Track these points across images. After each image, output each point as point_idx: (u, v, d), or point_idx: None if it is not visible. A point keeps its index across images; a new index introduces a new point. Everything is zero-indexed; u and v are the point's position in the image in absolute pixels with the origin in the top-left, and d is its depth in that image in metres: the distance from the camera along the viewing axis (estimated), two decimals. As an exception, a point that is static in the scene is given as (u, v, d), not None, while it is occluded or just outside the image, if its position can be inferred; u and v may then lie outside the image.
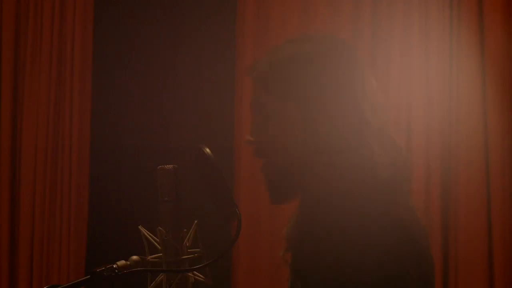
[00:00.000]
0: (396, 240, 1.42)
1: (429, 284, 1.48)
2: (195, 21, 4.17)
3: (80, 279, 1.46)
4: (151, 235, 1.62)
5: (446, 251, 3.74)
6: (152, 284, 1.62)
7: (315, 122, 1.51)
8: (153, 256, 1.60)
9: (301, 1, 3.93)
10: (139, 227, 1.64)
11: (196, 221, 1.63)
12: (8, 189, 4.01)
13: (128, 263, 1.50)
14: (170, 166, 1.63)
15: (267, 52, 1.62)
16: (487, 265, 3.71)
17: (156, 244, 1.61)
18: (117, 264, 1.47)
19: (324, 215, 1.48)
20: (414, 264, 1.42)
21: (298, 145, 1.53)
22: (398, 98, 3.80)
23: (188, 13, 4.18)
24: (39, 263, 3.97)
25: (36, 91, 4.03)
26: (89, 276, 1.44)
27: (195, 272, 1.60)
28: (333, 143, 1.50)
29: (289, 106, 1.54)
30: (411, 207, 1.51)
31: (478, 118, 3.76)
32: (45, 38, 4.04)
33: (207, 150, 1.55)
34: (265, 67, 1.58)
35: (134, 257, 1.52)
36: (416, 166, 3.70)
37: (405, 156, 1.56)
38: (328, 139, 1.51)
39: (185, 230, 1.62)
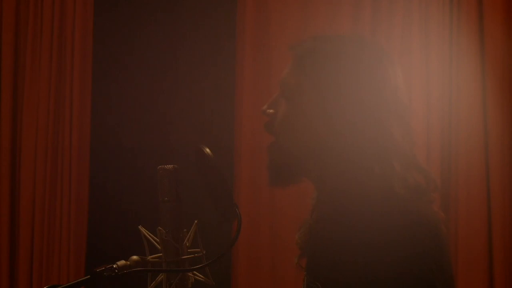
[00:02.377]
0: (410, 242, 1.40)
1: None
2: (195, 21, 4.17)
3: (80, 279, 1.45)
4: (151, 235, 1.62)
5: (446, 251, 3.73)
6: (152, 284, 1.62)
7: (334, 120, 1.51)
8: (153, 256, 1.60)
9: (301, 1, 3.93)
10: (139, 227, 1.64)
11: (196, 221, 1.63)
12: (8, 189, 4.01)
13: (128, 263, 1.50)
14: (170, 166, 1.63)
15: (315, 34, 1.62)
16: (487, 265, 3.71)
17: (156, 244, 1.61)
18: (117, 264, 1.47)
19: (337, 218, 1.48)
20: (429, 268, 1.41)
21: (308, 134, 1.53)
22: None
23: (188, 13, 4.18)
24: (39, 263, 3.97)
25: (36, 91, 4.03)
26: (89, 276, 1.44)
27: (195, 272, 1.60)
28: (348, 146, 1.50)
29: (314, 94, 1.53)
30: (428, 212, 1.48)
31: (478, 118, 3.76)
32: (45, 38, 4.04)
33: (207, 150, 1.55)
34: (309, 49, 1.57)
35: (134, 257, 1.52)
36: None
37: (426, 172, 1.54)
38: (346, 137, 1.50)
39: (185, 230, 1.62)
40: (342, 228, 1.47)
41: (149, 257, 1.59)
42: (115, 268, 1.45)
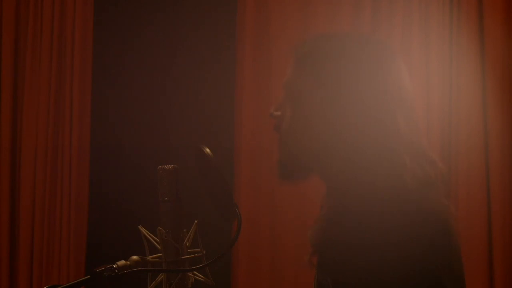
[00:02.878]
0: (417, 239, 1.41)
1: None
2: (195, 21, 4.17)
3: (80, 279, 1.46)
4: (151, 235, 1.62)
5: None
6: (152, 284, 1.62)
7: (335, 121, 1.51)
8: (153, 256, 1.60)
9: (301, 1, 3.93)
10: (139, 227, 1.64)
11: (196, 221, 1.63)
12: (8, 189, 4.01)
13: (128, 263, 1.50)
14: (170, 166, 1.63)
15: (316, 34, 1.63)
16: (487, 265, 3.71)
17: (156, 244, 1.61)
18: (117, 264, 1.47)
19: (346, 216, 1.49)
20: (437, 265, 1.41)
21: (311, 135, 1.54)
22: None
23: (188, 13, 4.18)
24: (39, 263, 3.97)
25: (36, 91, 4.03)
26: (89, 276, 1.44)
27: (195, 272, 1.60)
28: (351, 142, 1.50)
29: (316, 95, 1.54)
30: (438, 209, 1.47)
31: (478, 118, 3.76)
32: (45, 38, 4.04)
33: (207, 150, 1.55)
34: (309, 50, 1.58)
35: (134, 257, 1.52)
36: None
37: (435, 163, 1.54)
38: (346, 137, 1.50)
39: (185, 230, 1.62)
40: (350, 227, 1.47)
41: (149, 257, 1.59)
42: (115, 268, 1.45)
